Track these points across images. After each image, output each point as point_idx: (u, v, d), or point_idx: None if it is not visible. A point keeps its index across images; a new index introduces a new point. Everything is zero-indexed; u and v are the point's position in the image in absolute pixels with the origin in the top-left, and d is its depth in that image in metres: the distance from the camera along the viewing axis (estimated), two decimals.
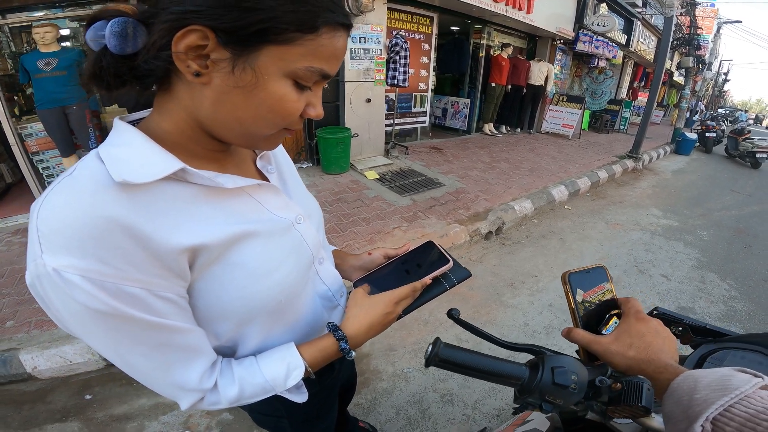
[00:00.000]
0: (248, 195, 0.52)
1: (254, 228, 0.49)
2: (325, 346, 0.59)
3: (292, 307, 0.58)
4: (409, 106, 5.61)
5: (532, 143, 6.92)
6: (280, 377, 0.54)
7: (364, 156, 4.58)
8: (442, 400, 1.78)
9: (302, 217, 0.58)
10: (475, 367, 0.52)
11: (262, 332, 0.56)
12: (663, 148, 8.42)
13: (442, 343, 0.52)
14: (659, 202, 5.07)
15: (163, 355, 0.44)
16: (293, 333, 0.62)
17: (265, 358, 0.56)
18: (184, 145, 0.46)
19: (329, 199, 3.49)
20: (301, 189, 0.67)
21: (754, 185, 6.89)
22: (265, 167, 0.59)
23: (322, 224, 0.70)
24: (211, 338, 0.52)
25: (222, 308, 0.49)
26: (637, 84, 12.90)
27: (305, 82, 0.42)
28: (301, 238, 0.57)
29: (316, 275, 0.63)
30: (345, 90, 4.12)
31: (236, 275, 0.48)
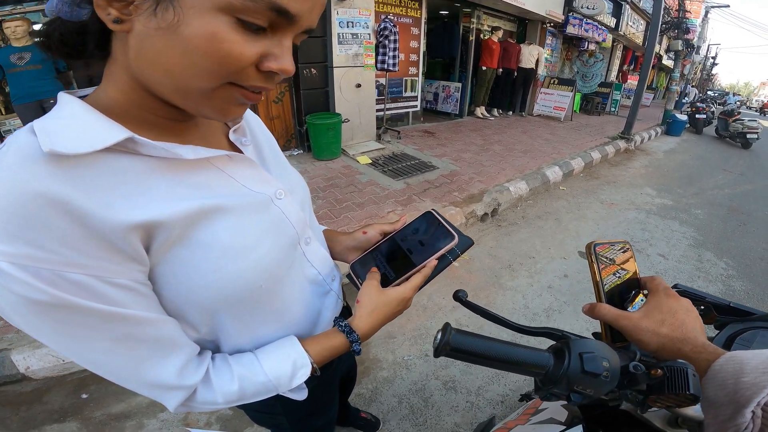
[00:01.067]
0: (217, 168, 0.46)
1: (224, 202, 0.44)
2: (334, 344, 0.55)
3: (278, 294, 0.52)
4: (399, 90, 5.52)
5: (525, 126, 6.89)
6: (284, 376, 0.50)
7: (355, 141, 4.48)
8: (445, 387, 1.74)
9: (283, 192, 0.52)
10: (491, 355, 0.45)
11: (248, 323, 0.51)
12: (654, 129, 8.46)
13: (453, 330, 0.45)
14: (653, 182, 5.07)
15: (130, 349, 0.39)
16: (285, 324, 0.56)
17: (267, 354, 0.51)
18: (135, 114, 0.40)
19: (321, 185, 3.40)
20: (282, 163, 0.60)
21: (745, 164, 6.96)
22: (238, 140, 0.53)
23: (309, 202, 0.64)
24: (188, 330, 0.47)
25: (193, 295, 0.43)
26: (627, 67, 12.92)
27: (252, 18, 0.33)
28: (281, 214, 0.51)
29: (302, 257, 0.57)
30: (334, 75, 4.04)
31: (206, 256, 0.42)
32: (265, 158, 0.56)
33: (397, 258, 0.62)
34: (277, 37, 0.36)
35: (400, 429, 1.56)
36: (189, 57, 0.33)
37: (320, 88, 4.08)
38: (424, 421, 1.59)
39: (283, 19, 0.34)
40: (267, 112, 3.90)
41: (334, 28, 3.87)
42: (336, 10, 3.83)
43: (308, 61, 3.88)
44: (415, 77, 5.63)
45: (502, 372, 1.82)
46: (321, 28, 3.83)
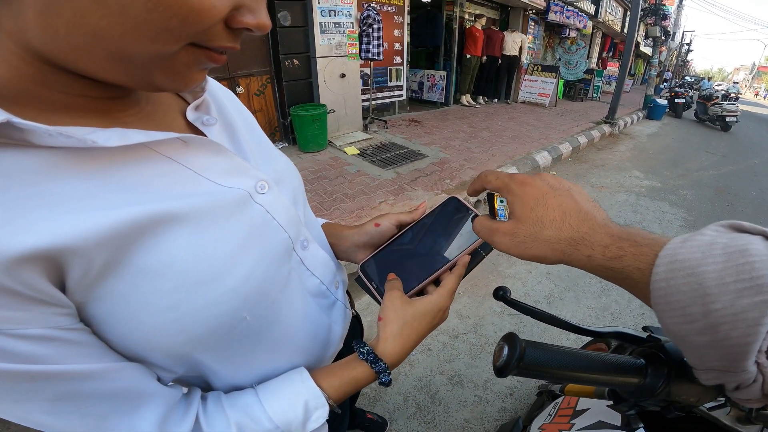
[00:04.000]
0: (167, 158, 0.33)
1: (176, 206, 0.31)
2: (356, 377, 0.43)
3: (275, 321, 0.40)
4: (385, 80, 5.42)
5: (511, 112, 6.87)
6: (296, 421, 0.39)
7: (342, 132, 4.36)
8: (451, 382, 1.68)
9: (266, 184, 0.39)
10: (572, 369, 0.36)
11: (240, 363, 0.40)
12: (636, 114, 8.59)
13: (524, 343, 0.36)
14: (639, 165, 5.12)
15: (78, 408, 0.29)
16: (291, 353, 0.44)
17: (271, 394, 0.40)
18: (36, 94, 0.27)
19: (309, 178, 3.28)
20: (265, 147, 0.47)
21: (726, 146, 7.14)
22: (200, 119, 0.40)
23: (302, 194, 0.50)
24: (161, 371, 0.35)
25: (147, 340, 0.32)
26: (606, 54, 13.10)
27: None
28: (266, 214, 0.39)
29: (300, 266, 0.45)
30: (317, 66, 3.91)
31: (155, 289, 0.30)
32: (240, 140, 0.42)
33: (418, 256, 0.50)
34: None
35: (408, 428, 1.49)
36: (135, 14, 0.23)
37: (303, 79, 3.95)
38: (432, 419, 1.52)
39: None
40: (249, 105, 3.74)
41: (316, 17, 3.73)
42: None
43: (290, 51, 3.73)
44: (399, 66, 5.53)
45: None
46: (302, 17, 3.69)
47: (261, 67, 3.72)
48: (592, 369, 0.37)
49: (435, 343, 1.87)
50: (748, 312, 0.22)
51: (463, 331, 1.95)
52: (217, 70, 3.41)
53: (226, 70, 3.47)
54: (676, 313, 0.25)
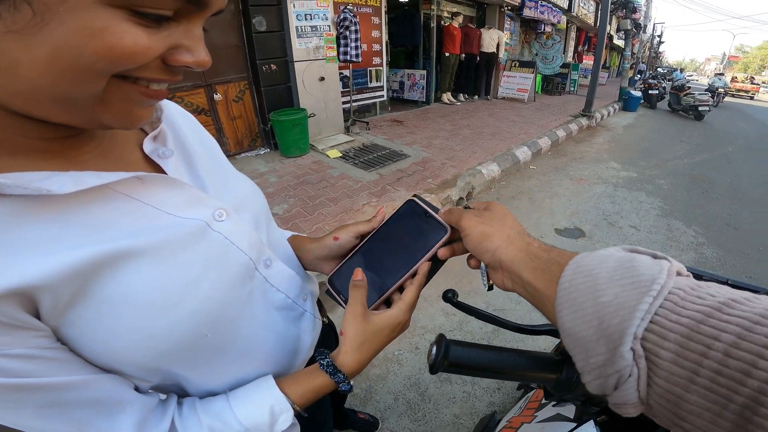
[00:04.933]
0: (125, 195, 0.35)
1: (135, 243, 0.34)
2: (317, 385, 0.46)
3: (237, 335, 0.43)
4: (365, 81, 5.42)
5: (491, 108, 6.97)
6: (263, 424, 0.43)
7: (323, 135, 4.35)
8: (439, 379, 1.70)
9: (224, 212, 0.42)
10: (495, 367, 0.40)
11: (207, 372, 0.43)
12: (612, 106, 8.81)
13: (450, 342, 0.39)
14: (616, 156, 5.26)
15: (62, 414, 0.33)
16: (259, 361, 0.48)
17: (240, 401, 0.44)
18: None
19: (292, 183, 3.26)
20: (226, 173, 0.50)
21: (700, 135, 7.39)
22: (156, 151, 0.41)
23: (265, 215, 0.53)
24: (138, 381, 0.39)
25: (118, 357, 0.35)
26: (581, 48, 13.37)
27: (154, 8, 0.25)
28: (224, 240, 0.41)
29: (264, 283, 0.47)
30: (295, 70, 3.89)
31: (118, 315, 0.33)
32: (199, 169, 0.45)
33: (381, 264, 0.51)
34: (184, 26, 0.29)
35: (400, 426, 1.51)
36: (65, 60, 0.24)
37: (282, 83, 3.92)
38: (423, 416, 1.54)
39: (193, 4, 0.28)
40: (228, 112, 3.71)
41: (291, 21, 3.71)
42: (293, 3, 3.67)
43: (267, 56, 3.70)
44: (379, 67, 5.54)
45: None
46: (278, 22, 3.67)
47: (238, 73, 3.68)
48: (514, 365, 0.40)
49: (422, 341, 1.90)
50: (627, 302, 0.26)
51: (449, 329, 1.98)
52: (194, 78, 3.36)
53: (203, 78, 3.42)
54: (572, 308, 0.28)
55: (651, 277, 0.26)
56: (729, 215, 3.68)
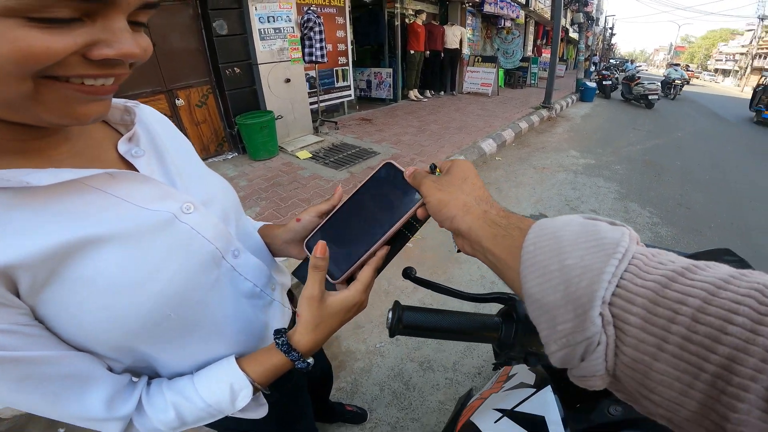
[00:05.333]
0: (98, 189, 0.40)
1: (105, 230, 0.38)
2: (275, 363, 0.50)
3: (203, 317, 0.48)
4: (332, 81, 5.41)
5: (457, 104, 7.16)
6: (224, 401, 0.47)
7: (292, 137, 4.33)
8: (422, 367, 1.77)
9: (192, 206, 0.46)
10: (443, 327, 0.45)
11: (176, 350, 0.47)
12: (570, 97, 9.25)
13: (403, 308, 0.44)
14: (575, 145, 5.55)
15: (36, 388, 0.37)
16: (226, 344, 0.52)
17: (203, 379, 0.48)
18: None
19: (263, 186, 3.25)
20: (197, 171, 0.54)
21: (651, 122, 7.89)
22: (130, 150, 0.46)
23: (236, 210, 0.58)
24: (111, 362, 0.44)
25: (90, 334, 0.39)
26: (540, 42, 13.88)
27: (50, 13, 0.27)
28: (191, 231, 0.45)
29: (232, 272, 0.51)
30: (260, 72, 3.85)
31: (90, 294, 0.37)
32: (170, 167, 0.49)
33: (353, 231, 0.50)
34: (101, 23, 0.30)
35: (388, 415, 1.57)
36: None
37: (247, 86, 3.87)
38: (409, 404, 1.60)
39: (96, 3, 0.29)
40: (191, 117, 3.62)
41: (254, 24, 3.66)
42: (254, 6, 3.62)
43: (229, 60, 3.64)
44: (345, 67, 5.55)
45: (474, 345, 1.87)
46: (239, 25, 3.61)
47: (200, 77, 3.60)
48: (460, 326, 0.45)
49: None
50: (593, 264, 0.25)
51: None
52: (153, 84, 3.26)
53: (162, 83, 3.33)
54: (538, 273, 0.27)
55: (615, 240, 0.25)
56: (681, 196, 3.97)
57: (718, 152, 6.00)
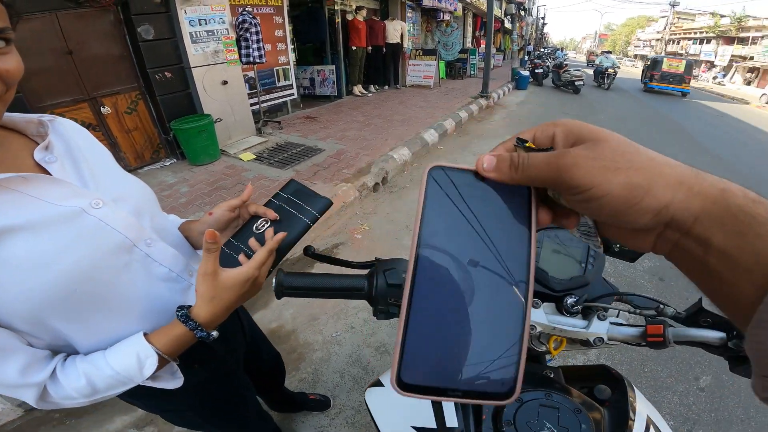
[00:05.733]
0: (14, 190, 0.48)
1: (18, 222, 0.46)
2: (177, 333, 0.56)
3: (112, 295, 0.55)
4: (272, 81, 5.34)
5: (400, 97, 7.34)
6: (132, 368, 0.54)
7: (234, 139, 4.26)
8: (378, 351, 1.86)
9: (102, 202, 0.54)
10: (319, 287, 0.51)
11: (88, 326, 0.54)
12: (506, 86, 9.80)
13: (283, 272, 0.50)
14: (512, 130, 5.95)
15: None
16: (137, 323, 0.59)
17: (113, 350, 0.55)
18: None
19: (206, 191, 3.19)
20: (111, 173, 0.62)
21: (578, 106, 8.64)
22: (44, 158, 0.54)
23: (151, 207, 0.65)
24: (31, 338, 0.51)
25: (8, 307, 0.47)
26: (479, 33, 14.47)
27: None
28: (99, 222, 0.53)
29: (146, 258, 0.59)
30: (194, 76, 3.74)
31: (5, 272, 0.45)
32: (84, 171, 0.56)
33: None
34: None
35: (351, 400, 1.64)
36: None
37: (180, 90, 3.74)
38: None
39: None
40: (121, 125, 3.45)
41: (184, 27, 3.54)
42: (183, 10, 3.50)
43: (159, 65, 3.50)
44: (286, 66, 5.48)
45: None
46: (168, 29, 3.48)
47: (127, 83, 3.43)
48: (334, 286, 0.52)
49: (356, 320, 2.05)
50: None
51: None
52: (73, 93, 3.08)
53: (84, 92, 3.14)
54: None
55: None
56: None
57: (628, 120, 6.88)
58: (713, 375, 1.82)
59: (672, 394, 1.72)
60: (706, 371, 1.84)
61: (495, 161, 0.25)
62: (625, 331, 0.55)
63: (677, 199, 0.21)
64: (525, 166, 0.24)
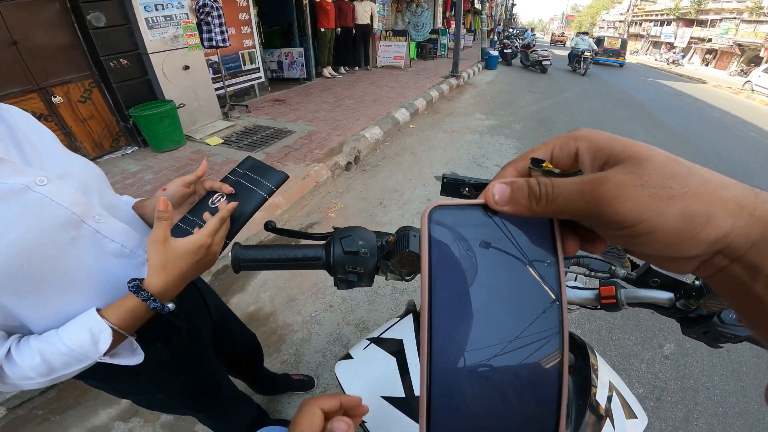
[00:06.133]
0: None
1: None
2: (131, 306, 0.56)
3: (61, 270, 0.55)
4: (238, 65, 5.16)
5: (371, 78, 7.28)
6: (86, 343, 0.53)
7: (200, 125, 4.11)
8: (357, 329, 1.88)
9: (46, 179, 0.54)
10: (276, 259, 0.50)
11: (38, 302, 0.54)
12: (476, 66, 9.87)
13: (239, 246, 0.50)
14: (481, 108, 6.03)
15: None
16: (92, 300, 0.58)
17: (66, 327, 0.55)
18: None
19: (171, 177, 3.08)
20: (56, 153, 0.62)
21: (545, 85, 8.81)
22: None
23: (99, 184, 0.64)
24: None
25: None
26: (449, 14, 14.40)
27: None
28: (45, 198, 0.53)
29: (95, 234, 0.59)
30: (152, 62, 3.57)
31: None
32: (26, 151, 0.56)
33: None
34: None
35: (334, 379, 1.57)
36: None
37: (138, 77, 3.56)
38: None
39: None
40: (75, 114, 3.27)
41: (138, 13, 3.35)
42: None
43: (113, 52, 3.31)
44: (252, 49, 5.30)
45: (402, 304, 2.00)
46: (122, 15, 3.28)
47: (79, 72, 3.24)
48: (291, 257, 0.51)
49: (335, 299, 2.07)
50: None
51: None
52: (20, 83, 2.90)
53: (32, 82, 2.95)
54: None
55: None
56: None
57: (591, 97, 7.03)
58: (676, 342, 1.91)
59: (639, 362, 1.80)
60: (669, 338, 1.93)
61: (509, 191, 0.21)
62: (582, 294, 0.56)
63: (737, 226, 0.18)
64: (550, 197, 0.20)
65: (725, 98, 11.21)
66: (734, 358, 1.88)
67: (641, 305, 0.54)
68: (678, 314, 0.53)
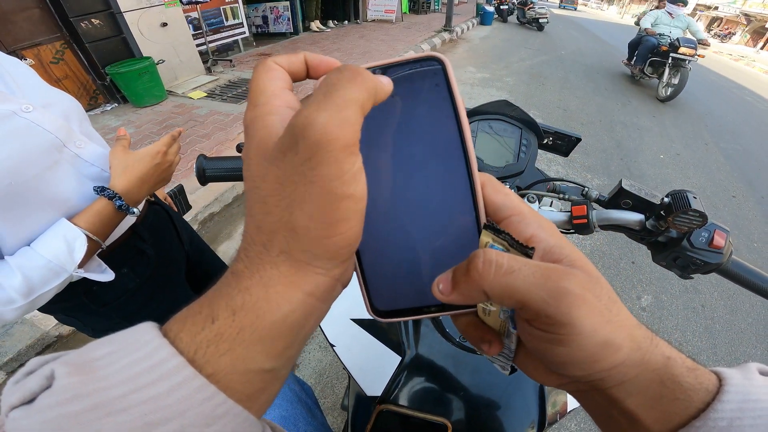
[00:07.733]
0: None
1: None
2: (98, 209, 0.59)
3: (44, 188, 0.56)
4: (220, 20, 4.91)
5: (361, 31, 7.00)
6: (62, 252, 0.55)
7: (182, 80, 3.98)
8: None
9: (31, 107, 0.56)
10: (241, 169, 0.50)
11: (20, 220, 0.55)
12: (471, 21, 9.47)
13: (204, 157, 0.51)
14: (473, 62, 5.86)
15: None
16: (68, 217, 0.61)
17: (40, 240, 0.56)
18: None
19: (155, 130, 3.03)
20: (37, 85, 0.64)
21: (540, 43, 8.52)
22: None
23: (78, 115, 0.68)
24: None
25: None
26: None
27: None
28: (31, 123, 0.55)
29: (76, 158, 0.61)
30: (127, 20, 3.41)
31: None
32: (10, 83, 0.58)
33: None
34: None
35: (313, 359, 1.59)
36: None
37: (113, 36, 3.40)
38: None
39: None
40: (49, 75, 3.15)
41: None
42: None
43: (82, 12, 3.14)
44: (234, 4, 5.03)
45: None
46: None
47: (48, 34, 3.08)
48: None
49: None
50: None
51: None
52: None
53: (1, 46, 2.81)
54: None
55: None
56: (560, 100, 4.60)
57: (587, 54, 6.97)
58: (653, 295, 1.95)
59: None
60: (647, 290, 1.97)
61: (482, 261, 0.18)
62: (556, 217, 0.56)
63: (629, 360, 0.18)
64: (505, 270, 0.17)
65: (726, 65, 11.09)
66: (708, 314, 1.95)
67: (612, 228, 0.54)
68: (649, 236, 0.52)
